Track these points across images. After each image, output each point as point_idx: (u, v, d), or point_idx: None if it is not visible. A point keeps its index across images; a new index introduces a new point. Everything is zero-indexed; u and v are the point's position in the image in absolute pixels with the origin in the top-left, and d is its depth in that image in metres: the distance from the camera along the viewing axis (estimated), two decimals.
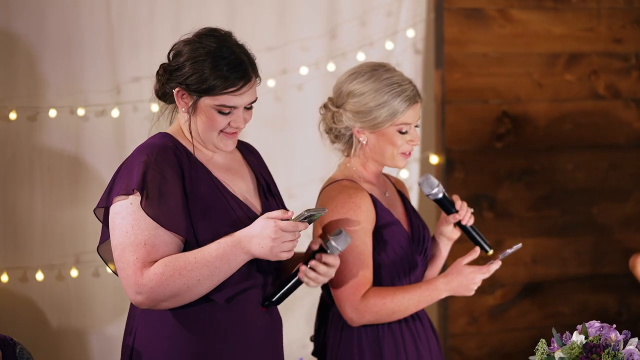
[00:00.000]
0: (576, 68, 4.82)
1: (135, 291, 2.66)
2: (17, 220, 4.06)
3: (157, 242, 2.66)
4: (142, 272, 2.65)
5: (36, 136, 4.07)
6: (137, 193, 2.65)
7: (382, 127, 3.16)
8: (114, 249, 2.70)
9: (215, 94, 2.73)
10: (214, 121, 2.76)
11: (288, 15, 4.37)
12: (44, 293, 4.10)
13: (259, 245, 2.68)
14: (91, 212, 4.04)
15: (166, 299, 2.67)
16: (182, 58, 2.75)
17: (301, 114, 4.37)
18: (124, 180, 2.69)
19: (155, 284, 2.64)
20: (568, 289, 4.86)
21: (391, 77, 3.17)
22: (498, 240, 4.74)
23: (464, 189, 4.66)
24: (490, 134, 4.72)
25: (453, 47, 4.63)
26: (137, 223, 2.66)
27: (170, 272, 2.64)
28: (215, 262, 2.67)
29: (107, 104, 4.14)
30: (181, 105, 2.77)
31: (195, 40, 2.77)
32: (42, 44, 4.06)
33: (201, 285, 2.67)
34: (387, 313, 3.15)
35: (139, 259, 2.65)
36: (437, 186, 3.29)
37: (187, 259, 2.66)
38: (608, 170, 4.90)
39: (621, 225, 4.92)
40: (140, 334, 2.77)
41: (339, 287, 3.13)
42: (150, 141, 2.78)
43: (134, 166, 2.70)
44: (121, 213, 2.68)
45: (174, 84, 2.75)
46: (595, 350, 2.36)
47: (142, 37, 4.18)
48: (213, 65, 2.72)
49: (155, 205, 2.65)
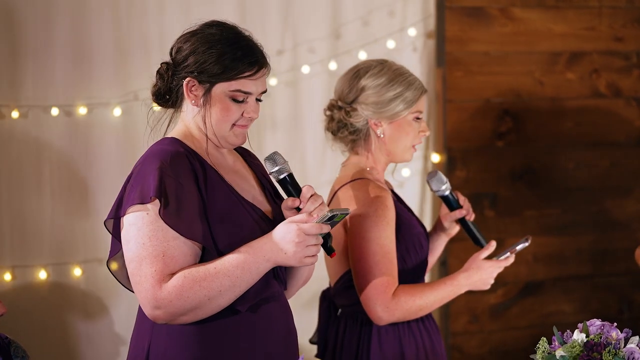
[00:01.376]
0: (577, 66, 4.83)
1: (153, 305, 2.52)
2: (23, 219, 4.06)
3: (175, 254, 2.52)
4: (160, 285, 2.50)
5: (41, 135, 4.07)
6: (154, 202, 2.51)
7: (401, 115, 3.21)
8: (129, 262, 2.55)
9: (231, 78, 2.62)
10: (228, 111, 2.64)
11: (293, 15, 4.37)
12: (50, 292, 4.10)
13: (282, 251, 2.56)
14: (97, 212, 4.12)
15: (185, 312, 2.53)
16: (190, 48, 2.65)
17: (304, 113, 4.37)
18: (137, 189, 2.55)
19: (174, 297, 2.50)
20: (569, 288, 4.86)
21: (400, 69, 3.25)
22: (500, 238, 4.73)
23: (466, 187, 4.66)
24: (492, 132, 4.73)
25: (454, 45, 4.63)
26: (154, 234, 2.51)
27: (189, 284, 2.51)
28: (236, 271, 2.53)
29: (114, 103, 4.14)
30: (191, 98, 2.65)
31: (203, 29, 2.68)
32: (47, 43, 4.06)
33: (222, 296, 2.54)
34: (416, 310, 3.15)
35: (157, 271, 2.50)
36: (446, 182, 3.36)
37: (206, 270, 2.52)
38: (609, 169, 4.90)
39: (622, 223, 4.92)
40: (156, 349, 2.62)
41: (368, 285, 3.10)
42: (159, 147, 2.64)
43: (147, 174, 2.56)
44: (137, 224, 2.53)
45: (182, 75, 2.65)
46: (596, 348, 2.36)
47: (151, 36, 4.18)
48: (228, 49, 2.63)
49: (174, 213, 2.52)
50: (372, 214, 3.11)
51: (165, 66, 2.70)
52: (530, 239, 3.31)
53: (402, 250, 3.20)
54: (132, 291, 2.61)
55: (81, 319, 4.16)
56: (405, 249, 3.21)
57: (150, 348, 2.62)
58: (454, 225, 3.43)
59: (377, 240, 3.10)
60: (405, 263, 3.21)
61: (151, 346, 2.62)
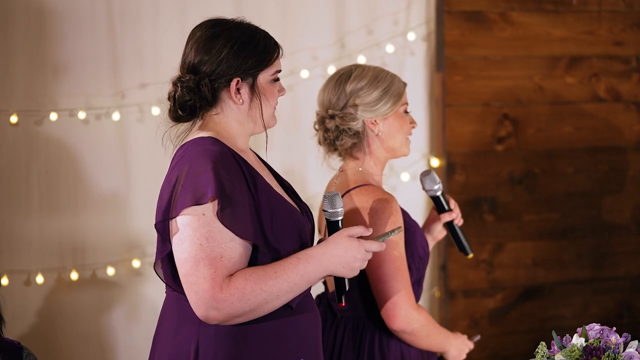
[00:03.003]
0: (577, 71, 4.83)
1: (211, 306, 2.52)
2: (13, 223, 4.06)
3: (233, 255, 2.54)
4: (220, 286, 2.52)
5: (36, 140, 4.07)
6: (210, 202, 2.53)
7: (393, 110, 3.25)
8: (183, 262, 2.55)
9: (270, 63, 2.71)
10: (273, 94, 2.74)
11: (293, 21, 4.37)
12: (39, 296, 4.10)
13: (341, 265, 2.64)
14: (89, 216, 4.12)
15: (242, 314, 2.56)
16: (220, 52, 2.68)
17: (303, 115, 4.37)
18: (190, 190, 2.55)
19: (236, 299, 2.53)
20: (569, 292, 4.86)
21: (376, 68, 3.30)
22: (499, 243, 4.74)
23: (465, 191, 4.66)
24: (491, 136, 4.72)
25: (454, 50, 4.63)
26: (212, 235, 2.53)
27: (251, 287, 2.54)
28: (295, 277, 2.58)
29: (109, 107, 4.14)
30: (237, 98, 2.69)
31: (218, 31, 2.71)
32: (41, 47, 4.06)
33: (278, 300, 2.58)
34: (425, 334, 3.17)
35: (217, 273, 2.52)
36: (438, 183, 3.38)
37: (267, 273, 2.57)
38: (609, 173, 4.90)
39: (622, 228, 4.92)
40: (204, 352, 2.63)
41: (393, 289, 3.11)
42: (204, 147, 2.64)
43: (199, 174, 2.56)
44: (192, 224, 2.53)
45: (225, 78, 2.68)
46: (595, 353, 2.36)
47: (145, 41, 4.19)
48: (256, 40, 2.71)
49: (230, 214, 2.54)
50: (386, 220, 3.12)
51: (192, 80, 2.70)
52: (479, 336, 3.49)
53: (407, 256, 3.20)
54: (175, 290, 2.64)
55: (78, 323, 4.16)
56: (411, 254, 3.22)
57: (199, 348, 2.63)
58: (441, 229, 3.45)
59: (396, 246, 3.12)
60: (410, 269, 3.21)
61: (200, 346, 2.63)
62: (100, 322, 4.20)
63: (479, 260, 4.67)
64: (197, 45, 2.71)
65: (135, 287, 4.24)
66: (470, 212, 4.64)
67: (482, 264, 4.70)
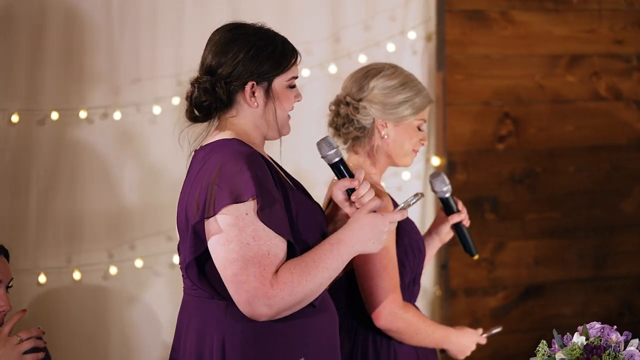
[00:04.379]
0: (577, 69, 4.83)
1: (263, 303, 2.57)
2: (13, 222, 4.06)
3: (278, 252, 2.60)
4: (270, 283, 2.57)
5: (36, 139, 4.07)
6: (250, 201, 2.57)
7: (407, 120, 3.24)
8: (231, 262, 2.58)
9: (286, 69, 2.75)
10: (288, 99, 2.78)
11: (291, 18, 4.37)
12: (37, 296, 4.09)
13: (370, 241, 2.69)
14: (89, 214, 4.11)
15: (291, 307, 2.62)
16: (237, 55, 2.72)
17: (304, 115, 4.37)
18: (227, 189, 2.59)
19: (286, 294, 2.58)
20: (570, 291, 4.86)
21: (411, 75, 3.30)
22: (500, 242, 4.74)
23: (466, 190, 4.66)
24: (492, 135, 4.72)
25: (455, 48, 4.63)
26: (257, 234, 2.58)
27: (298, 279, 2.59)
28: (333, 263, 2.65)
29: (108, 107, 4.14)
30: (252, 101, 2.73)
31: (236, 34, 2.75)
32: (41, 47, 4.06)
33: (320, 288, 2.65)
34: (413, 332, 3.17)
35: (267, 270, 2.57)
36: (448, 184, 3.40)
37: (307, 263, 2.63)
38: (610, 172, 4.90)
39: (623, 226, 4.92)
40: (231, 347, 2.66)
41: (378, 287, 3.12)
42: (233, 148, 2.68)
43: (236, 173, 2.60)
44: (237, 224, 2.58)
45: (241, 81, 2.72)
46: (595, 351, 2.36)
47: (144, 39, 4.18)
48: (273, 45, 2.74)
49: (269, 213, 2.59)
50: None
51: (209, 81, 2.74)
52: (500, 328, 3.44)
53: (401, 255, 3.20)
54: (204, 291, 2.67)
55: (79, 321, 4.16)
56: (405, 253, 3.21)
57: (225, 347, 2.66)
58: (449, 231, 3.45)
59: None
60: (403, 267, 3.21)
61: (226, 345, 2.66)
62: (100, 321, 4.20)
63: (480, 259, 4.67)
64: (215, 48, 2.76)
65: (137, 286, 4.23)
66: (472, 211, 4.62)
67: (484, 263, 4.70)
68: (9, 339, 2.66)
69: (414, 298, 3.30)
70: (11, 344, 2.65)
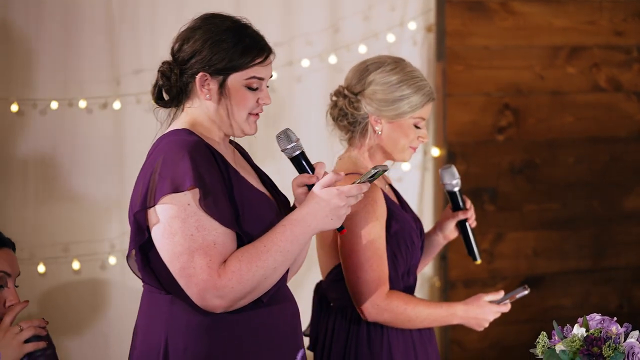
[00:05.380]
0: (578, 61, 4.82)
1: (214, 295, 2.51)
2: (9, 212, 4.05)
3: (225, 240, 2.53)
4: (218, 273, 2.50)
5: (35, 128, 4.07)
6: (191, 191, 2.50)
7: (402, 118, 3.18)
8: (177, 256, 2.52)
9: (245, 67, 2.64)
10: (245, 100, 2.65)
11: (293, 9, 4.36)
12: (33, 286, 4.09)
13: (327, 217, 2.58)
14: (86, 206, 4.11)
15: (245, 295, 2.54)
16: (196, 43, 2.65)
17: (303, 106, 4.37)
18: (168, 178, 2.52)
19: (235, 282, 2.51)
20: (569, 282, 4.86)
21: (414, 72, 3.22)
22: (499, 233, 4.74)
23: (466, 181, 4.63)
24: (492, 126, 4.72)
25: (455, 39, 4.63)
26: (200, 224, 2.51)
27: (247, 266, 2.52)
28: (287, 245, 2.56)
29: (108, 97, 4.14)
30: (204, 93, 2.64)
31: (204, 23, 2.68)
32: (40, 34, 4.05)
33: (277, 272, 2.56)
34: (404, 320, 3.14)
35: (213, 260, 2.51)
36: (457, 178, 3.36)
37: (258, 249, 2.54)
38: (609, 163, 4.90)
39: (622, 218, 4.92)
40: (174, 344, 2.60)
41: (359, 281, 3.09)
42: (179, 137, 2.62)
43: (177, 162, 2.53)
44: (180, 215, 2.50)
45: (193, 71, 2.65)
46: (596, 343, 2.36)
47: (144, 29, 4.18)
48: (236, 39, 2.64)
49: (212, 203, 2.52)
50: (361, 209, 3.09)
51: (168, 66, 2.70)
52: (528, 290, 3.24)
53: (392, 247, 3.17)
54: (147, 283, 2.64)
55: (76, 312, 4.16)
56: (397, 245, 3.19)
57: (168, 343, 2.61)
58: (453, 229, 3.41)
59: (367, 236, 3.09)
60: (396, 259, 3.18)
61: (169, 341, 2.61)
62: (97, 313, 4.20)
63: (479, 250, 4.66)
64: (181, 33, 2.71)
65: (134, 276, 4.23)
66: (471, 202, 4.63)
67: (483, 254, 4.68)
68: (9, 328, 2.65)
69: (408, 289, 3.27)
70: (12, 333, 2.64)
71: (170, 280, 2.58)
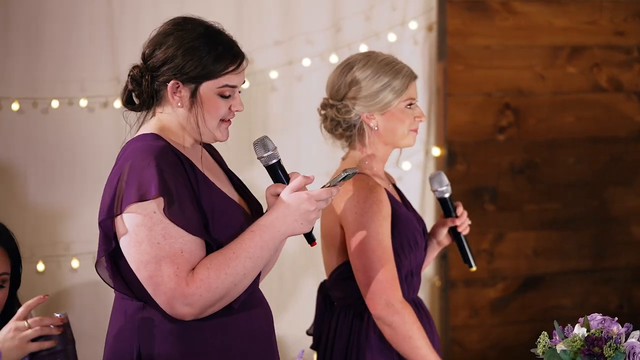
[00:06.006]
0: (578, 61, 4.82)
1: (183, 303, 2.48)
2: (10, 210, 4.05)
3: (193, 248, 2.49)
4: (186, 282, 2.47)
5: (35, 127, 4.07)
6: (158, 200, 2.47)
7: (391, 105, 3.19)
8: (144, 265, 2.49)
9: (217, 75, 2.59)
10: (217, 107, 2.60)
11: (293, 8, 4.36)
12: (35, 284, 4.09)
13: (297, 222, 2.55)
14: (87, 205, 4.11)
15: (214, 302, 2.51)
16: (168, 50, 2.60)
17: (304, 105, 4.37)
18: (134, 186, 2.49)
19: (204, 291, 2.48)
20: (569, 282, 4.86)
21: (386, 59, 3.22)
22: (499, 233, 4.74)
23: (466, 181, 4.66)
24: (492, 126, 4.72)
25: (455, 39, 4.63)
26: (167, 232, 2.47)
27: (215, 274, 2.49)
28: (256, 251, 2.52)
29: (108, 95, 4.14)
30: (175, 100, 2.60)
31: (176, 29, 2.63)
32: (40, 34, 4.05)
33: (246, 279, 2.52)
34: (405, 334, 3.10)
35: (181, 268, 2.47)
36: (446, 185, 3.35)
37: (226, 256, 2.51)
38: (610, 163, 4.90)
39: (623, 218, 4.92)
40: (147, 351, 2.57)
41: (373, 280, 3.09)
42: (145, 143, 2.57)
43: (142, 170, 2.50)
44: (146, 224, 2.47)
45: (165, 77, 2.60)
46: (597, 343, 2.36)
47: (145, 28, 4.17)
48: (209, 47, 2.59)
49: (178, 210, 2.48)
50: (367, 209, 3.10)
51: (138, 70, 2.65)
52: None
53: (396, 246, 3.17)
54: (118, 290, 2.59)
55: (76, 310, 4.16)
56: (400, 245, 3.19)
57: (140, 350, 2.58)
58: (446, 235, 3.40)
59: (375, 236, 3.09)
60: (399, 259, 3.18)
61: (141, 348, 2.58)
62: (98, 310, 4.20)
63: (479, 250, 4.67)
64: (153, 38, 2.66)
65: None
66: (471, 202, 4.63)
67: (483, 254, 4.70)
68: (17, 324, 2.58)
69: (413, 290, 3.28)
70: (18, 330, 2.59)
71: (141, 287, 2.55)
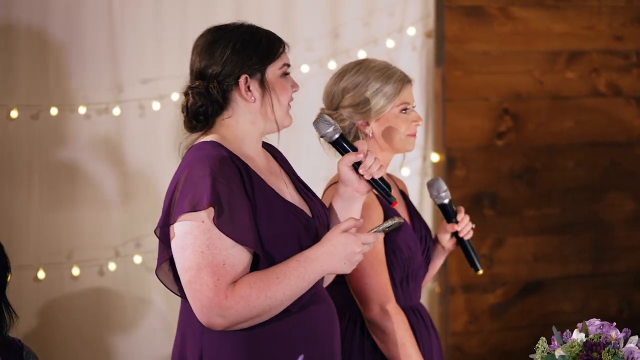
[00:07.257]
0: (577, 66, 4.83)
1: (217, 314, 2.52)
2: (12, 218, 4.05)
3: (235, 262, 2.53)
4: (225, 294, 2.51)
5: (35, 134, 4.07)
6: (209, 209, 2.51)
7: (384, 111, 3.18)
8: (185, 270, 2.54)
9: (276, 57, 2.69)
10: (285, 87, 2.71)
11: (292, 14, 4.37)
12: (37, 292, 4.09)
13: (341, 261, 2.62)
14: (87, 212, 4.11)
15: (246, 320, 2.56)
16: (224, 52, 2.66)
17: (303, 112, 4.36)
18: (188, 196, 2.54)
19: (241, 307, 2.52)
20: (569, 287, 4.86)
21: (377, 65, 3.22)
22: (499, 238, 4.74)
23: (465, 186, 4.66)
24: (491, 131, 4.72)
25: (454, 45, 4.63)
26: (212, 242, 2.52)
27: (256, 294, 2.53)
28: (297, 281, 2.57)
29: (109, 103, 4.14)
30: (248, 96, 2.66)
31: (219, 34, 2.70)
32: (44, 41, 4.05)
33: (282, 305, 2.58)
34: (397, 340, 3.10)
35: (221, 280, 2.51)
36: (444, 191, 3.33)
37: (269, 279, 2.56)
38: (609, 168, 4.90)
39: (622, 222, 4.92)
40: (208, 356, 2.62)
41: (367, 286, 3.09)
42: (203, 152, 2.62)
43: (197, 180, 2.55)
44: (192, 232, 2.52)
45: (232, 77, 2.66)
46: (595, 348, 2.36)
47: (147, 36, 4.18)
48: (257, 37, 2.69)
49: (229, 221, 2.53)
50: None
51: (200, 84, 2.68)
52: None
53: (388, 252, 3.16)
54: (180, 296, 2.64)
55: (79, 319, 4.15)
56: (392, 250, 3.18)
57: (202, 355, 2.63)
58: (450, 240, 3.39)
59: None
60: (392, 265, 3.18)
61: (203, 353, 2.63)
62: (101, 319, 4.20)
63: (479, 256, 4.67)
64: (201, 51, 2.70)
65: (136, 283, 4.23)
66: (471, 207, 4.64)
67: (483, 259, 4.70)
68: None
69: (408, 297, 3.26)
70: None
71: None
